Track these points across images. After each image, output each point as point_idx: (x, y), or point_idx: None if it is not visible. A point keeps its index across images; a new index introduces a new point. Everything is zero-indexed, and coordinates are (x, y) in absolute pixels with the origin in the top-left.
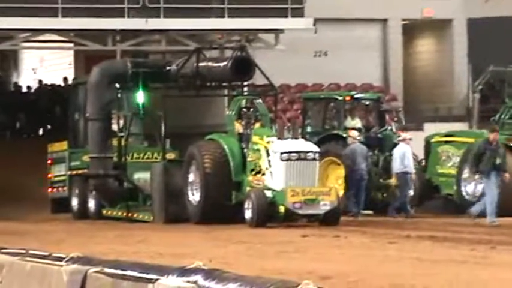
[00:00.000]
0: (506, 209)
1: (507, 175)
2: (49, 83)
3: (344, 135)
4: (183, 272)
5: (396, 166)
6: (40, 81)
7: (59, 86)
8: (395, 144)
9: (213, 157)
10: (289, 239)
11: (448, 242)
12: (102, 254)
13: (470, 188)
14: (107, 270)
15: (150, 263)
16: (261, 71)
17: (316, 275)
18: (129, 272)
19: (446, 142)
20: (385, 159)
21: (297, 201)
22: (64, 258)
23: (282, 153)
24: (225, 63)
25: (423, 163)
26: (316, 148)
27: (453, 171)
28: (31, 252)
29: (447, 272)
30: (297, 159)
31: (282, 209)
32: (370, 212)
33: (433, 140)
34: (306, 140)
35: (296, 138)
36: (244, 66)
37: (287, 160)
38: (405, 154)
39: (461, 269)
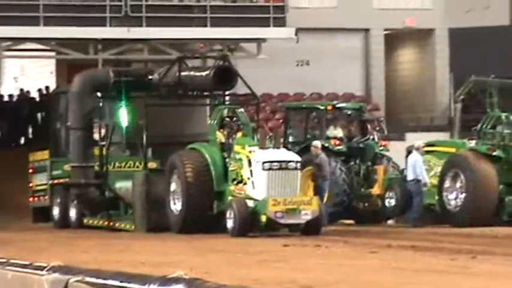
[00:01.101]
0: (485, 218)
1: None
2: (31, 92)
3: (326, 145)
4: (165, 281)
5: (409, 174)
6: (21, 90)
7: (41, 94)
8: (376, 154)
9: (194, 167)
10: (270, 249)
11: (429, 251)
12: (84, 263)
13: (451, 197)
14: (88, 279)
15: (132, 272)
16: (243, 80)
17: (297, 285)
18: (110, 282)
19: (428, 152)
20: (366, 169)
21: (279, 210)
22: (45, 268)
23: (263, 162)
24: (207, 72)
25: (404, 173)
26: (298, 158)
27: (434, 181)
28: (12, 261)
29: (428, 281)
30: (278, 169)
31: (263, 218)
32: (351, 221)
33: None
34: (288, 149)
35: (278, 147)
36: (226, 76)
37: (269, 170)
38: (417, 163)
39: (442, 279)
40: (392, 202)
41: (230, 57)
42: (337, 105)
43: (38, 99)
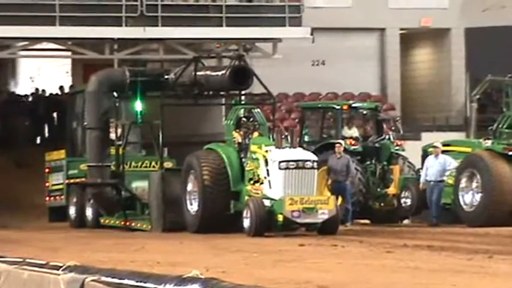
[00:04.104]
0: (501, 218)
1: None
2: (47, 91)
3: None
4: (180, 281)
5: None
6: (37, 90)
7: (56, 94)
8: (391, 154)
9: (211, 167)
10: (287, 248)
11: (445, 251)
12: (100, 262)
13: (467, 197)
14: (104, 279)
15: (148, 272)
16: (259, 80)
17: (313, 285)
18: (126, 281)
19: (444, 152)
20: (382, 169)
21: (296, 209)
22: (61, 267)
23: (280, 162)
24: (223, 72)
25: (420, 173)
26: (314, 157)
27: (450, 181)
28: (28, 260)
29: (444, 281)
30: (295, 168)
31: (280, 217)
32: (367, 221)
33: (430, 149)
34: (304, 149)
35: (294, 147)
36: (242, 75)
37: (285, 169)
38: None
39: (458, 278)
40: (408, 202)
41: (245, 57)
42: (353, 105)
43: (55, 98)
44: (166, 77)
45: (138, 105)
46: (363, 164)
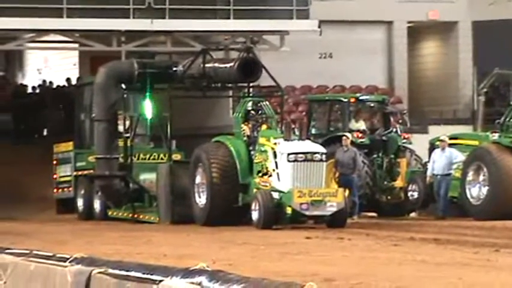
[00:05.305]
0: (508, 211)
1: None
2: (54, 83)
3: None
4: (187, 273)
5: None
6: (44, 81)
7: (63, 86)
8: (399, 147)
9: (220, 160)
10: (293, 241)
11: (452, 244)
12: (107, 254)
13: (474, 191)
14: (111, 271)
15: (154, 264)
16: (268, 72)
17: (320, 277)
18: (133, 273)
19: (451, 145)
20: (389, 162)
21: (304, 202)
22: (68, 259)
23: (289, 154)
24: (231, 64)
25: (427, 166)
26: (323, 149)
27: (457, 174)
28: (35, 252)
29: (451, 274)
30: (303, 160)
31: (289, 210)
32: (374, 214)
33: (437, 143)
34: (312, 141)
35: (303, 139)
36: (250, 68)
37: (294, 161)
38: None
39: (465, 272)
40: (415, 195)
41: (253, 49)
42: (360, 98)
43: (62, 90)
44: (174, 69)
45: (147, 98)
46: (370, 157)
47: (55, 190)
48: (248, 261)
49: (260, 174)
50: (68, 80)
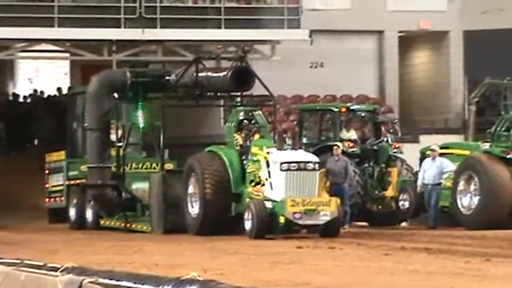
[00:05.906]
0: (498, 221)
1: None
2: (45, 93)
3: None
4: (178, 283)
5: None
6: (35, 91)
7: (54, 96)
8: (390, 156)
9: (212, 170)
10: (285, 251)
11: (443, 253)
12: (98, 264)
13: (465, 200)
14: (102, 280)
15: (145, 273)
16: (261, 81)
17: (312, 287)
18: (124, 283)
19: (442, 154)
20: (380, 171)
21: (297, 211)
22: (59, 268)
23: (281, 163)
24: (224, 73)
25: (418, 175)
26: (316, 158)
27: (448, 184)
28: (26, 262)
29: (442, 284)
30: (296, 170)
31: (282, 219)
32: (365, 223)
33: (428, 152)
34: (305, 150)
35: (296, 148)
36: (243, 77)
37: (287, 170)
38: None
39: (456, 281)
40: (406, 204)
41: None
42: (351, 107)
43: (53, 99)
44: (167, 78)
45: (139, 107)
46: (361, 166)
47: (47, 200)
48: (239, 271)
49: (253, 184)
50: (59, 89)
